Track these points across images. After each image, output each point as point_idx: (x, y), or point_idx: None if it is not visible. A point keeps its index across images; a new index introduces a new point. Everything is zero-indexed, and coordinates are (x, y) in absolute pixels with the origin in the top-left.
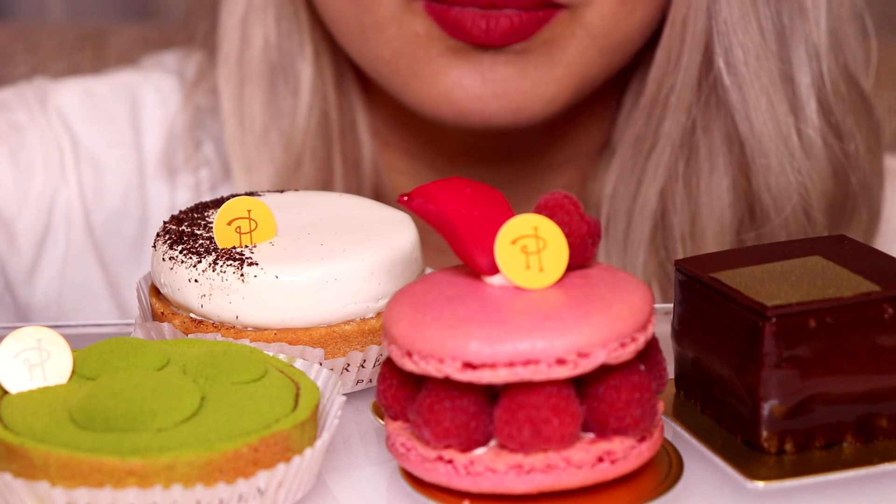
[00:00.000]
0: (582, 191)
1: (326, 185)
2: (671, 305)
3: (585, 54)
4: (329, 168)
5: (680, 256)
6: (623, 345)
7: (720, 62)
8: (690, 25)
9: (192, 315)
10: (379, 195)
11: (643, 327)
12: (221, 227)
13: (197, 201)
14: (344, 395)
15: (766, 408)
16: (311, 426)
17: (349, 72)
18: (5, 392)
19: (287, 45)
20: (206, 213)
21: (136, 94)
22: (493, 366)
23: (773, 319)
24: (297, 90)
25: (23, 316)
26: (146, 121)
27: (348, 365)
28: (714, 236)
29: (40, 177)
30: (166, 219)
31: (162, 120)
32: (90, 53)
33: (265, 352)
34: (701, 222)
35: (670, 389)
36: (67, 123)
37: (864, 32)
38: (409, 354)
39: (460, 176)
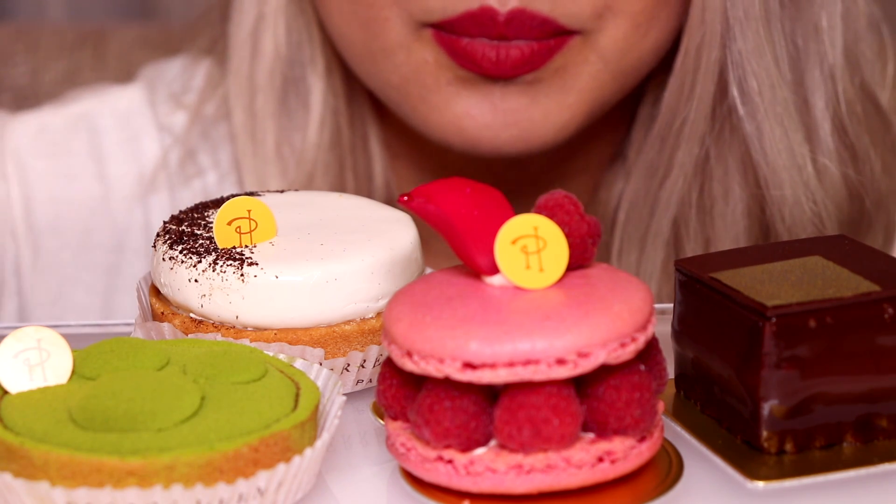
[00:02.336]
0: (592, 200)
1: None
2: (671, 305)
3: (598, 79)
4: (341, 182)
5: None
6: (623, 345)
7: (734, 92)
8: (704, 55)
9: (192, 315)
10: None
11: (643, 327)
12: (221, 227)
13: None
14: (344, 395)
15: (766, 408)
16: (311, 426)
17: (360, 86)
18: (5, 392)
19: (298, 58)
20: (206, 213)
21: (93, 121)
22: (493, 366)
23: (773, 319)
24: (308, 104)
25: None
26: (108, 145)
27: (348, 365)
28: None
29: None
30: (166, 219)
31: (125, 140)
32: (90, 53)
33: (265, 352)
34: (714, 248)
35: (670, 389)
36: (21, 162)
37: (881, 43)
38: (409, 354)
39: None
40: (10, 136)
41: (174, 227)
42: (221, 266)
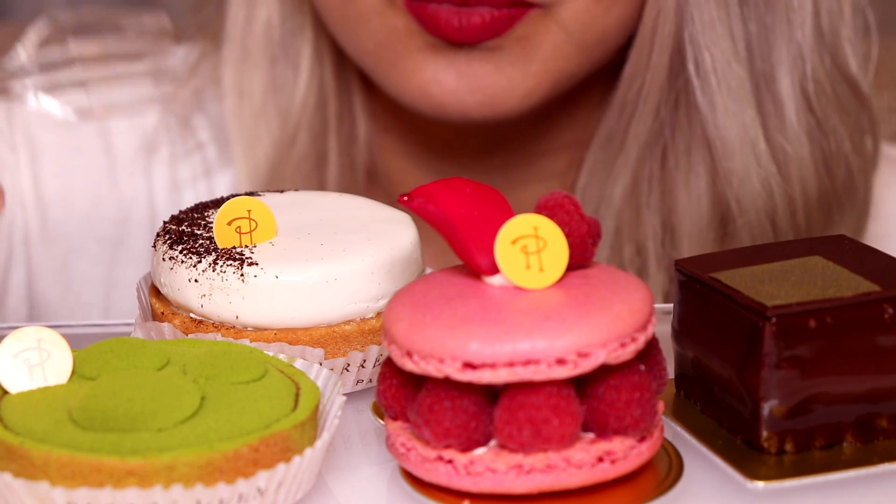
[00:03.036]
0: (577, 175)
1: (321, 159)
2: (671, 305)
3: (561, 50)
4: (324, 143)
5: (652, 255)
6: (623, 345)
7: (689, 66)
8: (660, 27)
9: (192, 315)
10: (373, 175)
11: (643, 327)
12: (221, 227)
13: (195, 186)
14: (344, 395)
15: (766, 408)
16: (311, 426)
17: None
18: (5, 392)
19: (289, 26)
20: (206, 213)
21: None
22: (493, 366)
23: (773, 319)
24: (297, 68)
25: None
26: (113, 119)
27: (348, 365)
28: (690, 236)
29: None
30: (166, 219)
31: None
32: None
33: (265, 352)
34: (677, 221)
35: (670, 389)
36: (31, 135)
37: (867, 29)
38: (409, 354)
39: (457, 160)
40: (20, 109)
41: (174, 227)
42: (221, 266)
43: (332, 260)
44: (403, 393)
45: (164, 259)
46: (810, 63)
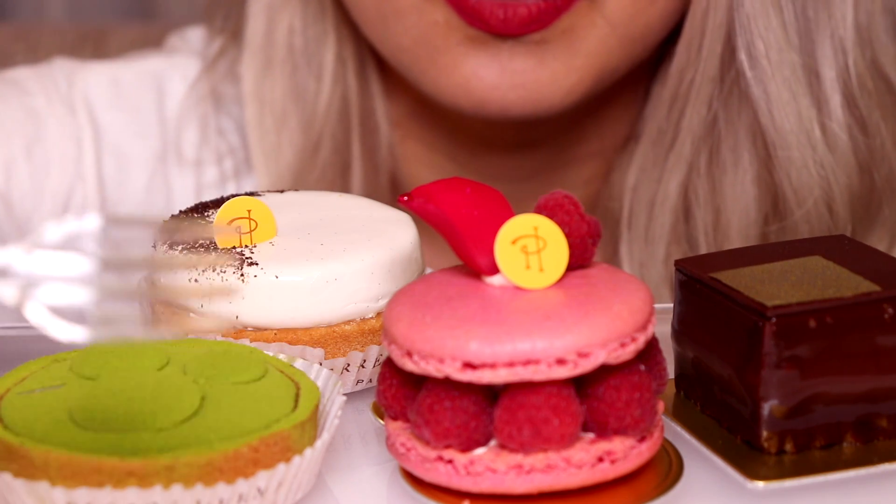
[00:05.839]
0: (605, 184)
1: (344, 169)
2: (671, 305)
3: (605, 44)
4: (347, 152)
5: (704, 250)
6: (623, 345)
7: (741, 55)
8: (711, 17)
9: (192, 315)
10: (396, 183)
11: (643, 327)
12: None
13: (221, 188)
14: (344, 395)
15: (766, 408)
16: (311, 426)
17: (371, 61)
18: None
19: (312, 32)
20: (206, 213)
21: (162, 82)
22: (493, 366)
23: (773, 319)
24: (319, 76)
25: None
26: (170, 109)
27: (348, 365)
28: (738, 230)
29: (56, 172)
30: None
31: (186, 108)
32: (90, 53)
33: (265, 352)
34: (725, 216)
35: (670, 389)
36: (92, 112)
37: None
38: (409, 354)
39: (481, 168)
40: (82, 83)
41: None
42: (221, 266)
43: (332, 260)
44: (403, 393)
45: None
46: (852, 57)
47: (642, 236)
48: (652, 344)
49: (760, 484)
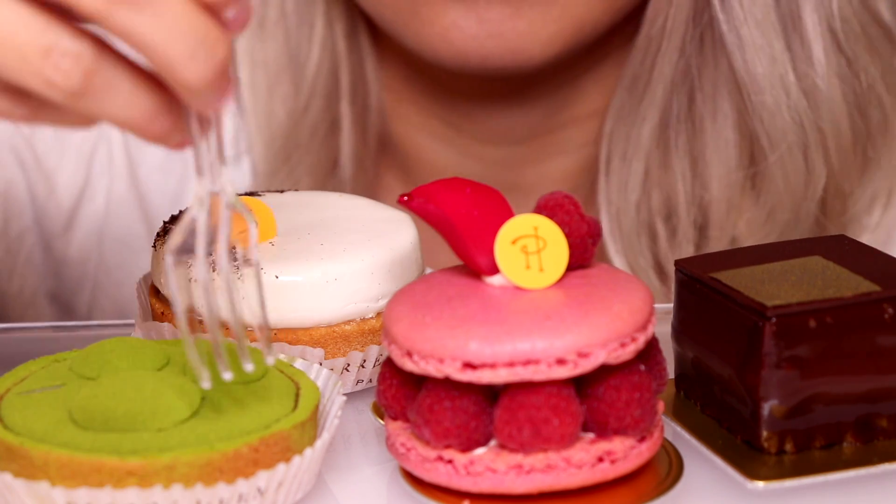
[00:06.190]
0: (600, 143)
1: (334, 125)
2: (671, 305)
3: None
4: (336, 110)
5: (681, 198)
6: (623, 345)
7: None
8: None
9: (192, 315)
10: (386, 144)
11: (643, 327)
12: None
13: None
14: (344, 395)
15: (766, 408)
16: (311, 426)
17: (362, 26)
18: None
19: None
20: None
21: None
22: (493, 366)
23: (773, 319)
24: (309, 36)
25: (56, 270)
26: None
27: (348, 365)
28: (718, 177)
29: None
30: (166, 219)
31: None
32: None
33: None
34: (703, 162)
35: (670, 389)
36: None
37: None
38: (409, 354)
39: (475, 131)
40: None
41: (174, 227)
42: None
43: (332, 260)
44: (403, 393)
45: (164, 259)
46: (836, 1)
47: (616, 183)
48: (652, 344)
49: (760, 484)
